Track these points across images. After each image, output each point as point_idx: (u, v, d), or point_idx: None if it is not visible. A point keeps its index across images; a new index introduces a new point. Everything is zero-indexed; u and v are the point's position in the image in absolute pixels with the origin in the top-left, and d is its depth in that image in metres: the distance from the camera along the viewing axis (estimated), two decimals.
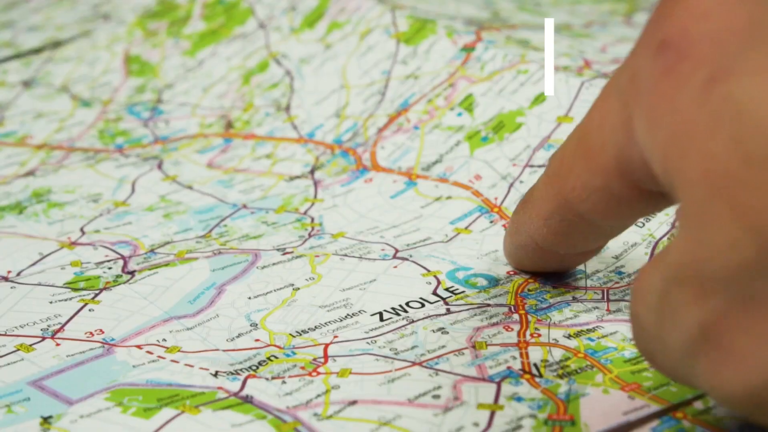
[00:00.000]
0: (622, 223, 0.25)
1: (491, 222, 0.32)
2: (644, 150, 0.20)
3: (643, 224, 0.30)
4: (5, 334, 0.27)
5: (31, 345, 0.26)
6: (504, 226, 0.32)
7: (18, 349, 0.26)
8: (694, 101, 0.18)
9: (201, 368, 0.25)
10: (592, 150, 0.22)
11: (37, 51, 0.41)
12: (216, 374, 0.25)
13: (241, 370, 0.25)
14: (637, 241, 0.30)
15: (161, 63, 0.44)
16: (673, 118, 0.19)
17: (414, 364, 0.25)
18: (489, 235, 0.32)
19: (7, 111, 0.42)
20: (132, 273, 0.30)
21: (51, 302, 0.28)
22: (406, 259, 0.31)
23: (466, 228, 0.32)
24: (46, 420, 0.23)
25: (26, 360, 0.26)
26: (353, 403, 0.24)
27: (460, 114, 0.36)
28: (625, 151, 0.21)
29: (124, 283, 0.29)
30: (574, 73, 0.35)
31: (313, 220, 0.33)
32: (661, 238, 0.30)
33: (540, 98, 0.35)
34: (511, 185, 0.33)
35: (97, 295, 0.29)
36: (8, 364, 0.25)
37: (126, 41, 0.46)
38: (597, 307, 0.28)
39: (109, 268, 0.30)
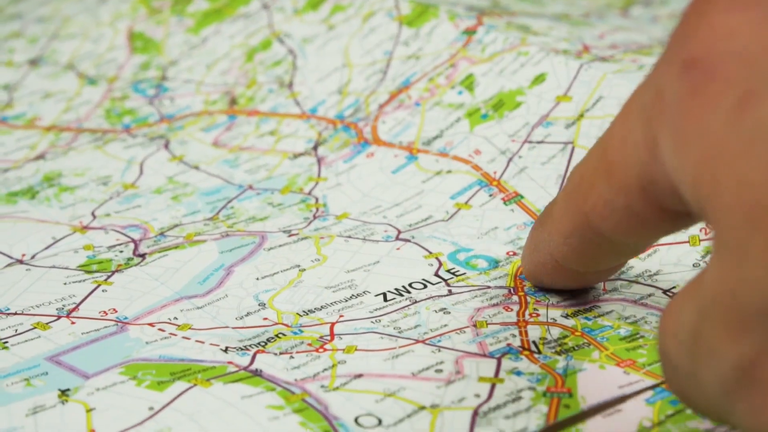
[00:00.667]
0: (645, 241, 0.24)
1: (490, 195, 0.33)
2: (671, 171, 0.19)
3: None
4: (22, 313, 0.28)
5: (47, 323, 0.27)
6: (503, 199, 0.33)
7: (35, 327, 0.27)
8: (726, 124, 0.17)
9: (211, 344, 0.26)
10: (614, 168, 0.21)
11: None
12: (226, 350, 0.26)
13: (250, 346, 0.26)
14: None
15: (165, 40, 0.45)
16: (703, 140, 0.18)
17: (417, 341, 0.26)
18: (488, 210, 0.32)
19: (15, 92, 0.43)
20: (143, 256, 0.31)
21: (65, 283, 0.29)
22: (409, 241, 0.31)
23: (466, 203, 0.33)
24: (63, 392, 0.24)
25: (43, 337, 0.26)
26: (359, 376, 0.25)
27: (460, 92, 0.37)
28: (648, 171, 0.20)
29: (136, 265, 0.30)
30: (573, 56, 0.36)
31: (317, 200, 0.34)
32: None
33: (540, 78, 0.36)
34: (510, 160, 0.34)
35: (109, 276, 0.30)
36: (26, 341, 0.26)
37: (130, 18, 0.46)
38: (594, 288, 0.29)
39: (121, 252, 0.31)
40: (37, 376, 0.25)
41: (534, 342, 0.26)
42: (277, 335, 0.27)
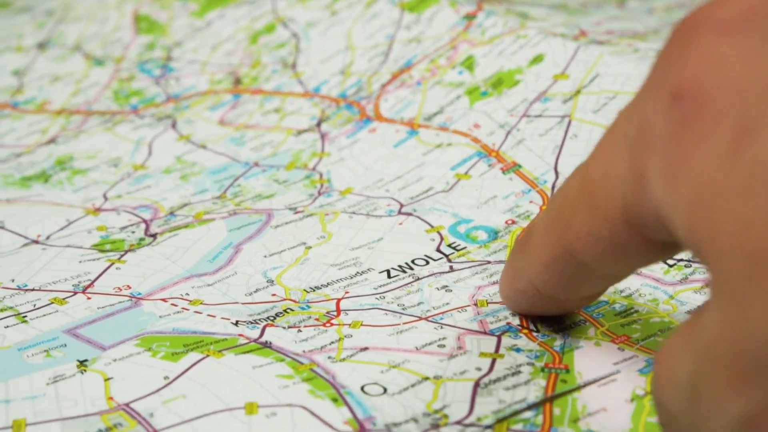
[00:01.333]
0: (629, 270, 0.23)
1: (489, 166, 0.34)
2: (661, 206, 0.18)
3: None
4: (39, 290, 0.29)
5: (64, 299, 0.28)
6: (502, 169, 0.34)
7: (52, 302, 0.28)
8: (721, 161, 0.17)
9: (222, 318, 0.27)
10: (597, 198, 0.21)
11: None
12: (237, 323, 0.27)
13: (259, 320, 0.27)
14: None
15: (169, 23, 0.45)
16: (696, 177, 0.17)
17: (420, 318, 0.27)
18: (487, 179, 0.33)
19: (25, 77, 0.43)
20: (154, 236, 0.32)
21: (80, 262, 0.30)
22: (411, 214, 0.32)
23: (466, 173, 0.34)
24: (82, 363, 0.25)
25: (60, 312, 0.28)
26: (365, 349, 0.26)
27: (461, 72, 0.38)
28: (635, 203, 0.19)
29: (147, 245, 0.31)
30: (571, 39, 0.37)
31: (321, 176, 0.35)
32: None
33: (538, 59, 0.37)
34: (509, 132, 0.35)
35: (122, 255, 0.31)
36: (44, 315, 0.27)
37: (134, 1, 0.47)
38: None
39: (133, 232, 0.32)
40: (56, 348, 0.26)
41: (533, 321, 0.27)
42: (285, 310, 0.28)
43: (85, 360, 0.25)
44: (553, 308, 0.26)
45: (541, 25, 0.38)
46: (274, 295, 0.29)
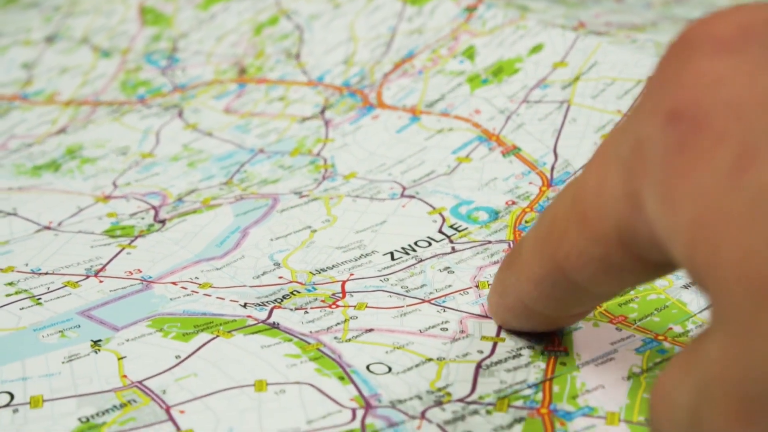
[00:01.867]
0: (621, 289, 0.22)
1: (490, 149, 0.35)
2: (658, 228, 0.18)
3: None
4: (53, 273, 0.30)
5: (77, 282, 0.29)
6: (502, 152, 0.34)
7: (65, 285, 0.29)
8: (723, 185, 0.16)
9: (231, 300, 0.28)
10: (589, 217, 0.20)
11: None
12: (245, 305, 0.27)
13: (267, 302, 0.28)
14: None
15: (175, 15, 0.46)
16: (697, 200, 0.16)
17: (423, 301, 0.28)
18: (488, 162, 0.34)
19: (34, 69, 0.44)
20: (163, 221, 0.33)
21: (92, 246, 0.31)
22: (413, 197, 0.33)
23: (467, 157, 0.35)
24: (95, 343, 0.26)
25: (74, 294, 0.28)
26: (370, 330, 0.26)
27: (462, 61, 0.38)
28: (629, 223, 0.19)
29: (157, 231, 0.32)
30: (570, 29, 0.38)
31: (325, 161, 0.36)
32: None
33: (537, 48, 0.37)
34: (509, 117, 0.36)
35: (132, 240, 0.32)
36: (58, 297, 0.28)
37: None
38: None
39: (142, 218, 0.33)
40: (70, 329, 0.27)
41: None
42: (292, 292, 0.28)
43: (99, 340, 0.26)
44: (543, 325, 0.25)
45: (540, 16, 0.39)
46: (281, 277, 0.29)
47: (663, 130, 0.17)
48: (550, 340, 0.26)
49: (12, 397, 0.24)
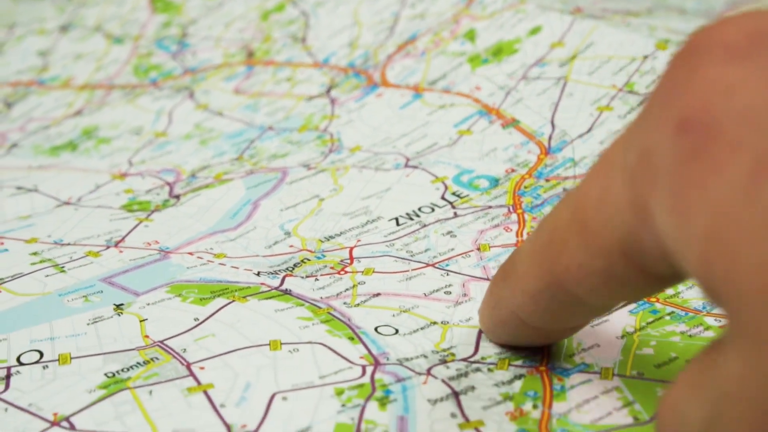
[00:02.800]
0: (620, 302, 0.22)
1: (490, 122, 0.36)
2: (668, 240, 0.17)
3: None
4: (75, 244, 0.31)
5: (98, 252, 0.30)
6: (502, 124, 0.36)
7: (87, 255, 0.30)
8: (738, 195, 0.15)
9: (245, 269, 0.29)
10: (591, 228, 0.19)
11: None
12: (258, 273, 0.29)
13: (279, 270, 0.29)
14: (618, 128, 0.34)
15: (184, 3, 0.47)
16: (711, 211, 0.16)
17: (428, 265, 0.29)
18: (488, 135, 0.36)
19: (49, 57, 0.46)
20: (178, 196, 0.34)
21: (111, 220, 0.32)
22: (417, 167, 0.35)
23: (468, 129, 0.36)
24: (118, 306, 0.27)
25: (95, 263, 0.29)
26: (377, 295, 0.27)
27: (463, 43, 0.40)
28: (634, 235, 0.18)
29: (172, 205, 0.33)
30: (567, 13, 0.39)
31: (332, 136, 0.37)
32: None
33: (536, 30, 0.39)
34: (508, 93, 0.37)
35: (149, 214, 0.33)
36: (81, 266, 0.29)
37: None
38: None
39: (158, 194, 0.34)
40: (93, 294, 0.28)
41: None
42: (302, 260, 0.29)
43: (121, 304, 0.27)
44: (537, 339, 0.25)
45: (539, 1, 0.41)
46: (291, 246, 0.31)
47: (673, 139, 0.17)
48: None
49: (41, 354, 0.25)
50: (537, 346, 0.25)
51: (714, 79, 0.16)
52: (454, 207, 0.32)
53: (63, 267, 0.29)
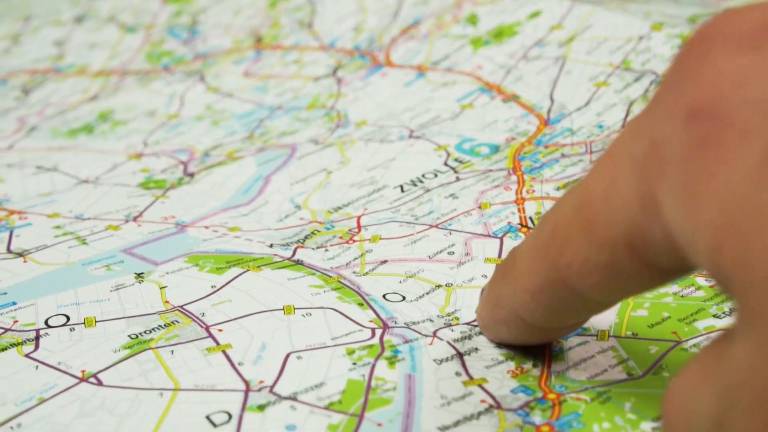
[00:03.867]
0: (623, 297, 0.22)
1: (491, 98, 0.37)
2: (676, 231, 0.17)
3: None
4: (95, 218, 0.32)
5: (117, 225, 0.31)
6: (502, 99, 0.37)
7: (108, 228, 0.31)
8: (751, 184, 0.15)
9: (258, 241, 0.30)
10: (596, 223, 0.19)
11: None
12: (271, 245, 0.30)
13: (291, 242, 0.30)
14: (615, 102, 0.35)
15: None
16: (723, 200, 0.16)
17: (431, 226, 0.30)
18: (489, 109, 0.37)
19: (65, 46, 0.47)
20: (192, 174, 0.35)
21: (128, 197, 0.34)
22: (420, 138, 0.36)
23: (470, 104, 0.37)
24: (139, 275, 0.28)
25: (116, 236, 0.31)
26: (384, 262, 0.29)
27: (465, 27, 0.41)
28: (641, 228, 0.18)
29: (187, 183, 0.35)
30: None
31: (339, 112, 0.39)
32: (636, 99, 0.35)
33: (536, 14, 0.40)
34: (508, 71, 0.38)
35: (165, 191, 0.34)
36: (102, 238, 0.31)
37: None
38: (581, 160, 0.33)
39: (173, 173, 0.36)
40: (115, 263, 0.29)
41: (530, 218, 0.30)
42: (312, 232, 0.31)
43: (142, 273, 0.28)
44: (536, 337, 0.24)
45: None
46: (302, 218, 0.32)
47: (683, 129, 0.16)
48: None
49: (68, 318, 0.26)
50: (536, 345, 0.25)
51: (724, 68, 0.16)
52: (456, 172, 0.34)
53: (85, 239, 0.31)
